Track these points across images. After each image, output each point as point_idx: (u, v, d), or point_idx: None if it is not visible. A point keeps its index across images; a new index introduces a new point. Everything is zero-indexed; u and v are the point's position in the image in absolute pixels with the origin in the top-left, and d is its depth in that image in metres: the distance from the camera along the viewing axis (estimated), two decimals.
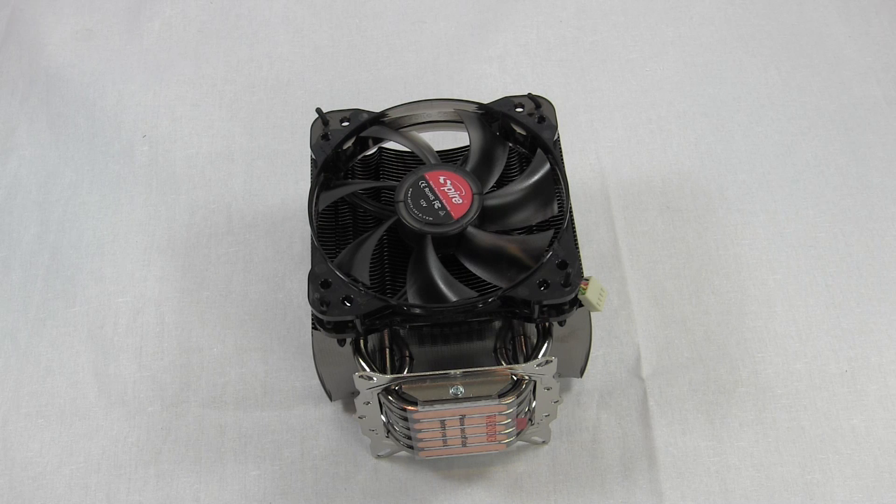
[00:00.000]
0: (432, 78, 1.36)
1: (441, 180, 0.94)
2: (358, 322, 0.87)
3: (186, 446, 1.05)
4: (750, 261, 1.16)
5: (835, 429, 1.04)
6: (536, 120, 0.99)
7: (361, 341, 0.91)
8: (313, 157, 0.99)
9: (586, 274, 0.94)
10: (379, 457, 1.03)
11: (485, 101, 1.01)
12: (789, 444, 1.03)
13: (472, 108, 1.01)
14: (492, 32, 1.40)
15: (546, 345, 0.91)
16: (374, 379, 0.87)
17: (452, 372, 0.88)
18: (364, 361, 0.91)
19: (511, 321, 0.95)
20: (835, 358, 1.08)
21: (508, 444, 0.96)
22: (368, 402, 0.91)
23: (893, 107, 1.30)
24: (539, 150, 0.97)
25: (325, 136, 0.99)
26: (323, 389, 1.05)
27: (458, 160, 1.04)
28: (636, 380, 1.08)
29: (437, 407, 0.88)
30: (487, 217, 0.94)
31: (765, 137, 1.28)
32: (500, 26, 1.41)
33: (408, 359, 0.98)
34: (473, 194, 0.93)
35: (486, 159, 0.98)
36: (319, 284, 0.88)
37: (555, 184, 0.96)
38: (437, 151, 1.02)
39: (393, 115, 1.01)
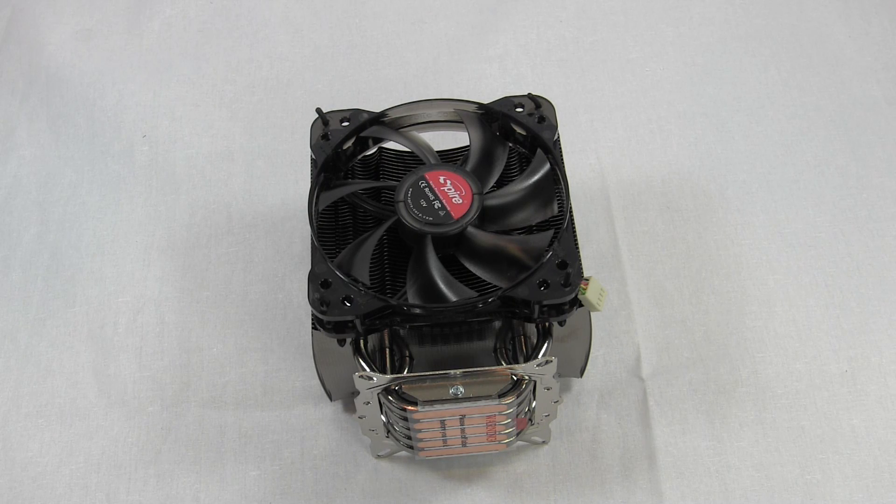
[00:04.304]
0: (432, 78, 1.36)
1: (441, 180, 0.94)
2: (358, 322, 0.87)
3: (186, 446, 1.05)
4: (750, 261, 1.16)
5: (835, 429, 1.04)
6: (536, 120, 0.99)
7: (361, 341, 0.91)
8: (313, 157, 0.99)
9: (586, 274, 0.94)
10: (379, 457, 1.03)
11: (485, 101, 1.01)
12: (789, 444, 1.03)
13: (472, 108, 1.01)
14: (492, 32, 1.40)
15: (546, 345, 0.91)
16: (374, 379, 0.87)
17: (452, 372, 0.88)
18: (364, 361, 0.91)
19: (511, 321, 0.95)
20: (835, 358, 1.08)
21: (508, 444, 0.96)
22: (368, 402, 0.91)
23: (893, 107, 1.30)
24: (539, 150, 0.97)
25: (325, 136, 0.99)
26: (323, 389, 1.05)
27: (458, 160, 1.04)
28: (636, 380, 1.08)
29: (437, 407, 0.88)
30: (487, 217, 0.94)
31: (765, 137, 1.28)
32: (500, 26, 1.41)
33: (408, 359, 0.98)
34: (473, 194, 0.93)
35: (486, 159, 0.98)
36: (319, 284, 0.88)
37: (555, 184, 0.96)
38: (437, 151, 1.02)
39: (393, 115, 1.01)
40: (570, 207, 0.93)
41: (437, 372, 0.88)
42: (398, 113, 1.01)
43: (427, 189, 0.93)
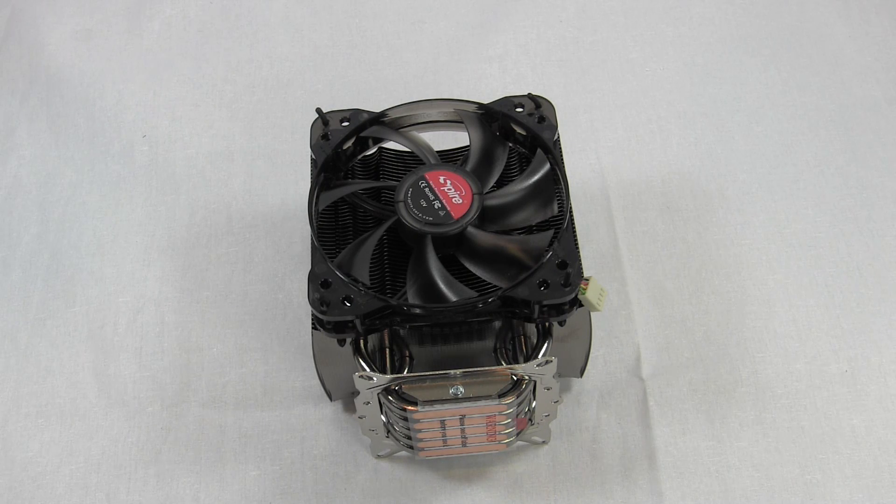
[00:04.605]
0: (432, 78, 1.36)
1: (441, 180, 0.94)
2: (358, 322, 0.87)
3: (186, 446, 1.05)
4: (750, 261, 1.16)
5: (835, 429, 1.04)
6: (536, 120, 0.99)
7: (361, 341, 0.91)
8: (313, 157, 0.99)
9: (586, 274, 0.94)
10: (379, 457, 1.03)
11: (485, 101, 1.01)
12: (789, 444, 1.03)
13: (472, 108, 1.01)
14: (492, 32, 1.40)
15: (546, 345, 0.91)
16: (374, 379, 0.87)
17: (452, 372, 0.88)
18: (364, 361, 0.91)
19: (511, 321, 0.95)
20: (835, 358, 1.08)
21: (508, 444, 0.96)
22: (368, 402, 0.91)
23: (893, 107, 1.30)
24: (539, 150, 0.97)
25: (325, 136, 0.99)
26: (323, 389, 1.05)
27: (458, 160, 1.04)
28: (636, 380, 1.08)
29: (437, 407, 0.88)
30: (487, 217, 0.94)
31: (765, 137, 1.28)
32: (500, 26, 1.41)
33: (408, 359, 0.98)
34: (473, 194, 0.93)
35: (486, 159, 0.98)
36: (319, 284, 0.88)
37: (555, 184, 0.96)
38: (437, 151, 1.02)
39: (393, 115, 1.01)
40: (570, 207, 0.93)
41: (437, 372, 0.88)
42: (398, 113, 1.01)
43: (427, 189, 0.93)
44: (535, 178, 0.96)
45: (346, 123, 1.00)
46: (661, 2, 1.43)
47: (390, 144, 1.04)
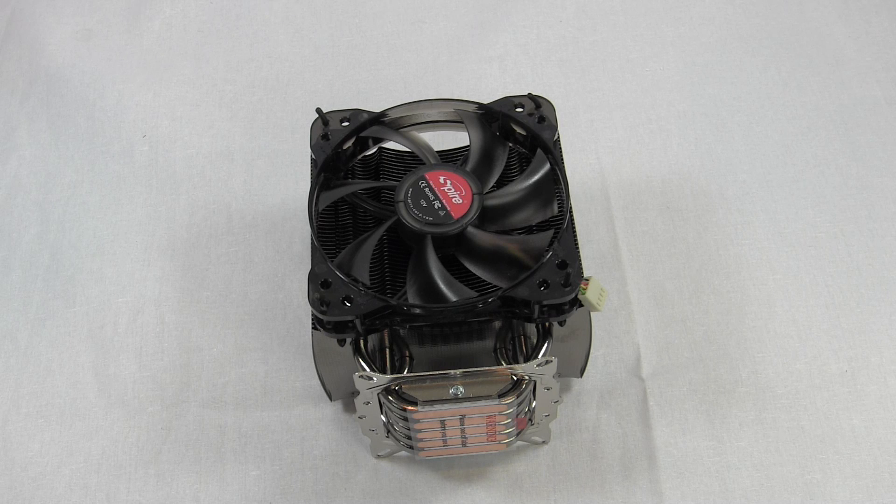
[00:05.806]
0: (432, 78, 1.36)
1: (441, 180, 0.94)
2: (358, 322, 0.87)
3: (186, 446, 1.05)
4: (750, 261, 1.16)
5: (835, 429, 1.04)
6: (536, 120, 0.99)
7: (361, 341, 0.91)
8: (313, 157, 0.99)
9: (586, 274, 0.94)
10: (379, 457, 1.03)
11: (485, 101, 1.01)
12: (789, 444, 1.03)
13: (472, 108, 1.01)
14: (492, 32, 1.40)
15: (546, 345, 0.91)
16: (374, 379, 0.87)
17: (452, 372, 0.88)
18: (364, 361, 0.91)
19: (511, 321, 0.95)
20: (835, 358, 1.08)
21: (508, 444, 0.96)
22: (368, 402, 0.91)
23: (893, 107, 1.30)
24: (539, 150, 0.97)
25: (325, 136, 0.99)
26: (323, 389, 1.05)
27: (458, 160, 1.04)
28: (636, 380, 1.08)
29: (437, 407, 0.88)
30: (487, 217, 0.94)
31: (765, 137, 1.28)
32: (500, 26, 1.41)
33: (408, 359, 0.98)
34: (473, 194, 0.93)
35: (486, 159, 0.98)
36: (319, 284, 0.88)
37: (555, 184, 0.96)
38: (437, 151, 1.02)
39: (393, 115, 1.01)
40: (570, 207, 0.93)
41: (437, 372, 0.88)
42: (398, 113, 1.01)
43: (427, 189, 0.93)
44: (535, 178, 0.96)
45: (346, 123, 1.00)
46: (661, 2, 1.43)
47: (390, 144, 1.04)
